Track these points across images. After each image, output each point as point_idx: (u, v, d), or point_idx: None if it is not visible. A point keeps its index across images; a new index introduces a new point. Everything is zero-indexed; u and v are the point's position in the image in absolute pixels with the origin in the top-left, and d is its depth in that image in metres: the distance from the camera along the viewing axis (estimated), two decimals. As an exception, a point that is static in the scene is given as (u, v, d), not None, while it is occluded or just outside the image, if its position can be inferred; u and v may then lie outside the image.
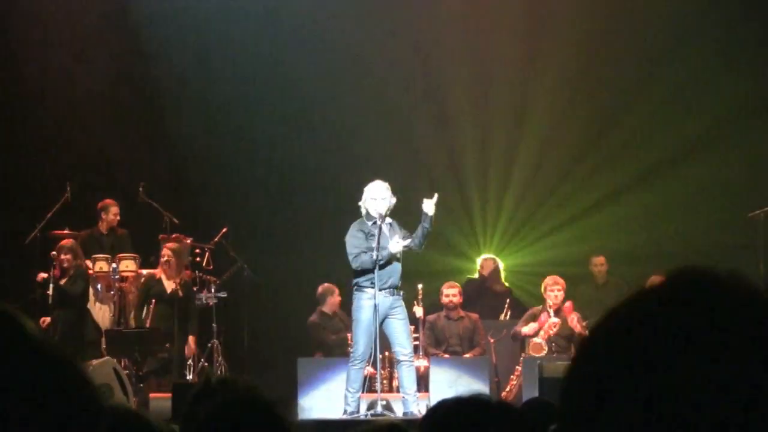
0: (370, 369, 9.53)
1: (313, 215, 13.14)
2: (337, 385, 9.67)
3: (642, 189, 13.34)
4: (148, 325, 11.17)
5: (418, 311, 11.31)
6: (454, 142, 13.50)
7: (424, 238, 9.29)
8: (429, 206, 9.24)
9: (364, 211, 9.40)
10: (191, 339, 11.09)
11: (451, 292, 11.71)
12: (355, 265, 9.24)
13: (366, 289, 9.21)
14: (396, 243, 9.22)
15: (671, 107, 13.24)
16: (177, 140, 13.46)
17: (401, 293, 9.36)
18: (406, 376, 9.32)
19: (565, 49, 12.89)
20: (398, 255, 9.30)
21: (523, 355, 11.24)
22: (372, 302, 9.14)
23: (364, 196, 9.40)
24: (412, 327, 10.71)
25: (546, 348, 11.18)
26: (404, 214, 9.67)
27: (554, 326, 11.21)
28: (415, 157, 13.39)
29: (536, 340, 11.21)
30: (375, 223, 9.27)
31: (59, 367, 1.25)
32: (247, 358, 12.18)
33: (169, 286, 11.22)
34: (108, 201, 12.08)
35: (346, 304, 10.75)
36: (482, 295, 12.64)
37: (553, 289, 11.33)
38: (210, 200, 13.20)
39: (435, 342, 11.58)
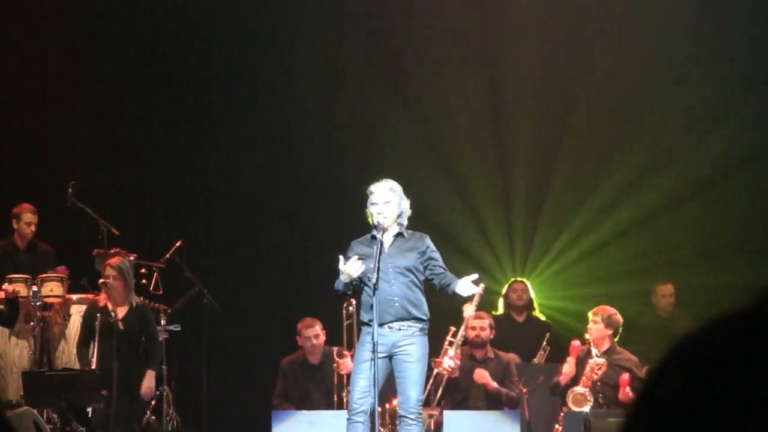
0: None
1: (294, 227, 12.24)
2: (323, 446, 8.71)
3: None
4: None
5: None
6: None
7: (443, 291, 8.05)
8: (468, 289, 7.85)
9: (370, 221, 8.06)
10: (149, 375, 9.92)
11: (478, 324, 10.17)
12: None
13: (366, 324, 7.92)
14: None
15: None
16: (118, 129, 12.43)
17: (420, 326, 7.87)
18: None
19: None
20: (405, 278, 7.94)
21: (564, 409, 9.79)
22: (370, 338, 7.82)
23: (368, 202, 8.07)
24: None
25: (591, 399, 9.66)
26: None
27: (598, 368, 9.64)
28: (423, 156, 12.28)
29: (578, 389, 9.68)
30: (374, 237, 7.87)
31: None
32: (207, 409, 11.29)
33: (120, 313, 9.99)
34: (23, 206, 11.07)
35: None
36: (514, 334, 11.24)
37: (594, 319, 9.76)
38: (160, 206, 12.39)
39: (454, 388, 10.24)
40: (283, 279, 12.07)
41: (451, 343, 9.81)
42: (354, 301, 9.19)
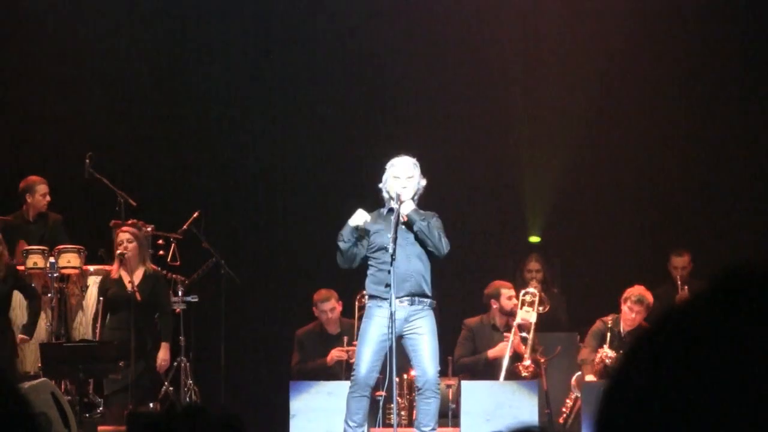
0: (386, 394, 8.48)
1: (312, 198, 12.10)
2: (340, 416, 8.49)
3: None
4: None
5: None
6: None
7: (428, 240, 7.99)
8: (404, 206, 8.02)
9: (385, 196, 8.12)
10: (164, 347, 10.03)
11: (514, 294, 10.20)
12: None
13: (376, 298, 7.97)
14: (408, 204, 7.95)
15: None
16: (135, 100, 12.29)
17: (427, 302, 8.00)
18: (423, 410, 8.07)
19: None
20: (420, 253, 8.00)
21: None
22: (382, 312, 7.89)
23: (385, 175, 8.09)
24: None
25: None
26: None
27: (608, 358, 9.74)
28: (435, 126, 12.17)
29: (587, 378, 9.82)
30: (391, 210, 7.94)
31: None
32: (225, 380, 11.17)
33: (135, 280, 10.02)
34: (33, 178, 11.00)
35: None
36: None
37: (633, 307, 9.67)
38: (177, 176, 12.18)
39: (473, 354, 10.25)
40: (301, 249, 11.97)
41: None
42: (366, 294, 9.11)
